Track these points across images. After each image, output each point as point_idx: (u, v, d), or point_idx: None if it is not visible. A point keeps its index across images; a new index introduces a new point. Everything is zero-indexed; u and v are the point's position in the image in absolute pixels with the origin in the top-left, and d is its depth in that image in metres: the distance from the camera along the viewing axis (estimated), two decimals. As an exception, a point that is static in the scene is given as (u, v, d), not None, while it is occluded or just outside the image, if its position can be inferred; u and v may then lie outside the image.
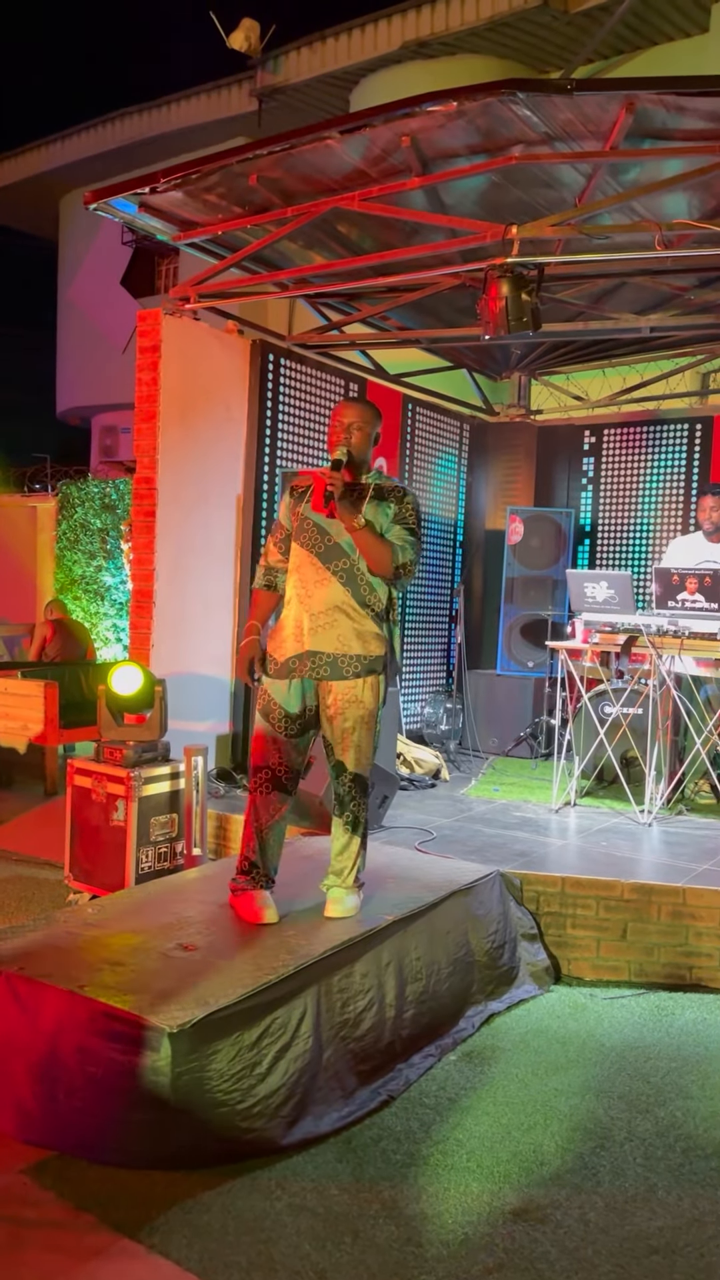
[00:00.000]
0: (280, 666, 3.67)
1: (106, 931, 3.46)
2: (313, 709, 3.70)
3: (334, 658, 3.59)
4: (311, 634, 3.60)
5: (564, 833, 5.14)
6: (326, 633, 3.59)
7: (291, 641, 3.66)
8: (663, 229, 4.56)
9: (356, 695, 3.62)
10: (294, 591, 3.68)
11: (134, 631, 5.77)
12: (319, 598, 3.59)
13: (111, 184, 5.28)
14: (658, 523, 7.67)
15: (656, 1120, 3.12)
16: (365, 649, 3.61)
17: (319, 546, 3.62)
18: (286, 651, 3.66)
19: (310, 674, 3.62)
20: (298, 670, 3.63)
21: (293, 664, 3.64)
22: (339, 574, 3.59)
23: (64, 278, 17.41)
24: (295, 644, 3.64)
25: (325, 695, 3.66)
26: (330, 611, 3.58)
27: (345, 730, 3.64)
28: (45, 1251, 2.46)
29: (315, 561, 3.61)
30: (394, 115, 4.36)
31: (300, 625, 3.63)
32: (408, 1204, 2.66)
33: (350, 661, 3.60)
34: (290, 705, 3.65)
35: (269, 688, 3.69)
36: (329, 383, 6.82)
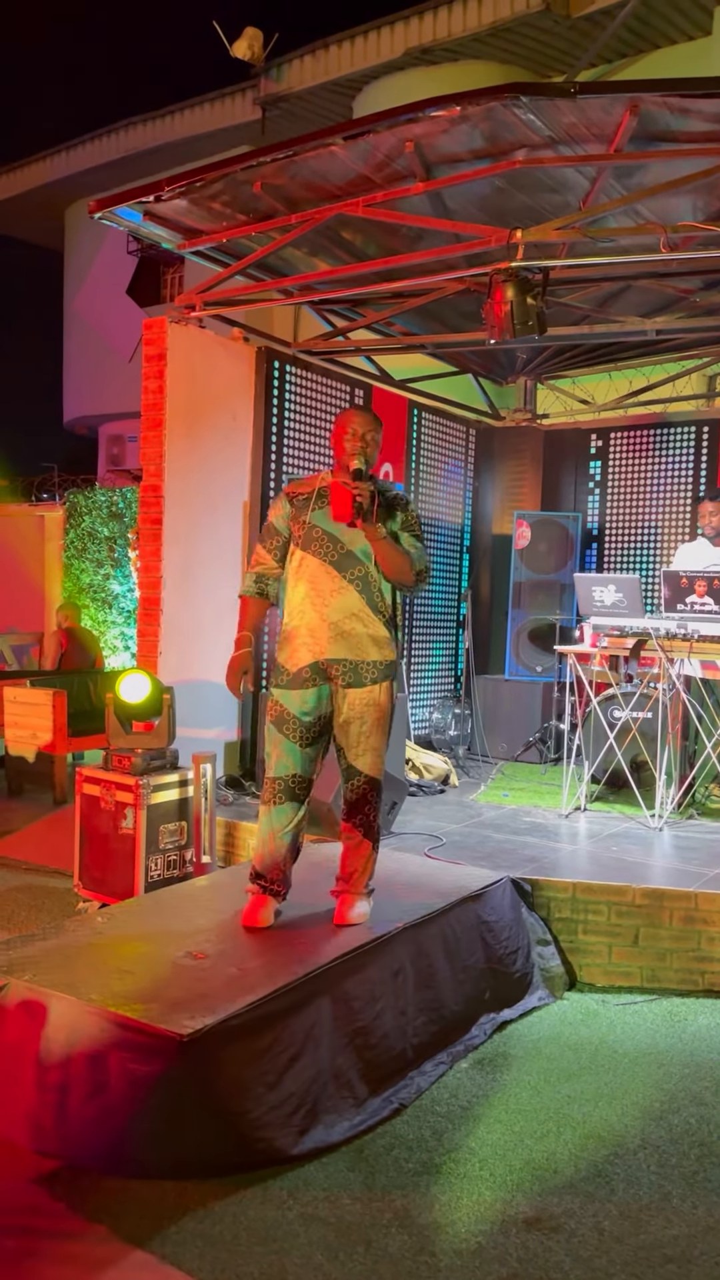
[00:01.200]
0: (293, 677, 3.64)
1: (116, 940, 3.45)
2: (326, 716, 3.69)
3: (354, 664, 3.61)
4: (331, 642, 3.60)
5: (574, 838, 5.12)
6: (346, 640, 3.60)
7: (305, 650, 3.63)
8: (668, 231, 4.55)
9: (375, 698, 3.64)
10: (306, 601, 3.64)
11: (141, 639, 5.77)
12: (336, 606, 3.59)
13: (116, 193, 5.29)
14: (665, 526, 7.65)
15: (670, 1127, 3.09)
16: (381, 655, 3.64)
17: (332, 555, 3.61)
18: (300, 661, 3.63)
19: (331, 682, 3.64)
20: (313, 680, 3.63)
21: (307, 673, 3.62)
22: (355, 582, 3.60)
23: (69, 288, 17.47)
24: (310, 653, 3.62)
25: (341, 700, 3.65)
26: (349, 619, 3.59)
27: (363, 734, 3.64)
28: (58, 1263, 2.45)
29: (330, 570, 3.60)
30: (398, 121, 4.37)
31: (317, 634, 3.61)
32: (420, 1213, 2.65)
33: (369, 668, 3.62)
34: (305, 714, 3.64)
35: (280, 697, 3.67)
36: (335, 389, 6.82)
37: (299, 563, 3.67)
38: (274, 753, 3.69)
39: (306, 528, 3.65)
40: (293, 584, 3.70)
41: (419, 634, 7.69)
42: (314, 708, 3.64)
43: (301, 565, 3.66)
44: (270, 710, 3.70)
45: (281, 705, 3.66)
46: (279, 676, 3.68)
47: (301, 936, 3.48)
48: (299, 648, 3.64)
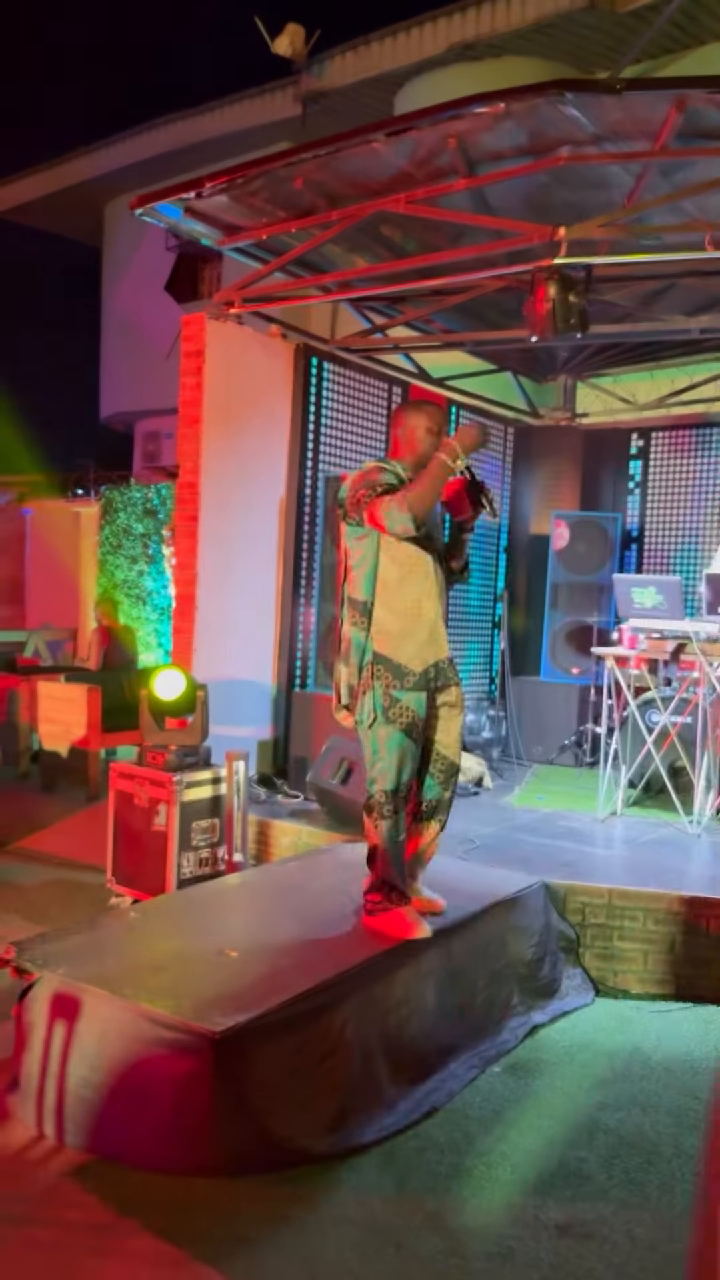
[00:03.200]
0: (420, 677, 3.53)
1: (149, 936, 3.47)
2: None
3: (451, 659, 3.71)
4: (444, 639, 3.66)
5: (610, 843, 5.06)
6: (445, 637, 3.67)
7: (429, 649, 3.57)
8: (713, 229, 4.49)
9: (462, 695, 3.73)
10: (426, 597, 3.55)
11: (177, 636, 5.78)
12: (444, 603, 3.67)
13: (157, 189, 5.30)
14: (708, 527, 7.56)
15: (704, 1135, 3.05)
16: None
17: (435, 551, 3.66)
18: (425, 659, 3.56)
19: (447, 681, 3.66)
20: (436, 681, 3.61)
21: (431, 674, 3.58)
22: (444, 579, 3.71)
23: (108, 284, 17.57)
24: (433, 652, 3.58)
25: (444, 696, 3.66)
26: (446, 613, 3.69)
27: (462, 725, 3.74)
28: (89, 1255, 2.46)
29: (437, 569, 3.64)
30: (441, 117, 4.34)
31: (436, 632, 3.60)
32: (451, 1216, 2.63)
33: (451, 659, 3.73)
34: (425, 713, 3.60)
35: (410, 701, 3.52)
36: (372, 386, 6.80)
37: (404, 559, 3.53)
38: (398, 762, 3.53)
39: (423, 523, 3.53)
40: (399, 577, 3.53)
41: (454, 634, 7.61)
42: (428, 705, 3.61)
43: (415, 560, 3.54)
44: (398, 717, 3.51)
45: (413, 711, 3.52)
46: (404, 679, 3.51)
47: (333, 936, 3.48)
48: (423, 646, 3.55)
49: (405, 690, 3.51)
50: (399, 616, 3.52)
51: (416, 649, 3.53)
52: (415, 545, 3.53)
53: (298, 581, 6.24)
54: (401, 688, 3.51)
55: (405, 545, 3.52)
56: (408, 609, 3.53)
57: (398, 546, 3.52)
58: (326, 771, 5.10)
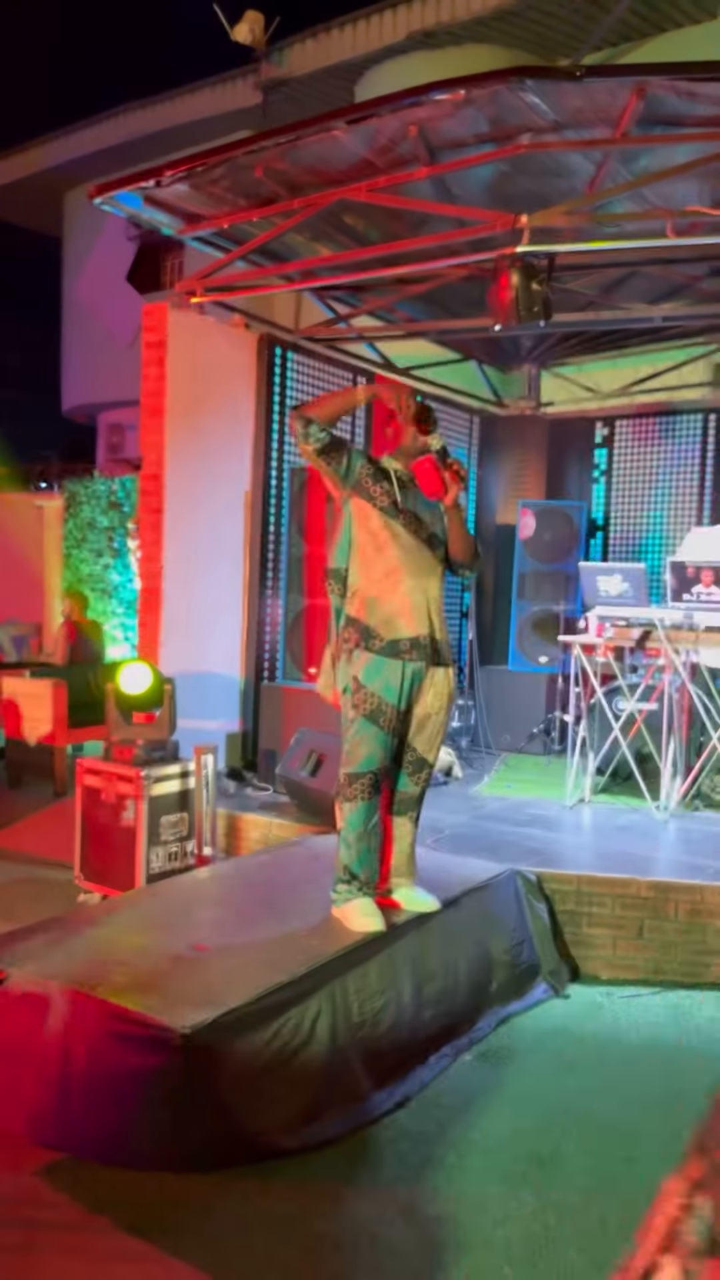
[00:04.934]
0: (389, 645, 3.49)
1: (117, 932, 3.43)
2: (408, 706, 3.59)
3: (443, 644, 3.61)
4: (434, 617, 3.56)
5: (579, 830, 5.09)
6: (439, 619, 3.60)
7: (404, 620, 3.51)
8: (675, 216, 4.51)
9: (451, 689, 3.65)
10: (403, 572, 3.52)
11: (142, 630, 5.74)
12: (431, 583, 3.58)
13: (116, 178, 5.23)
14: (672, 515, 7.61)
15: (675, 1120, 3.07)
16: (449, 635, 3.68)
17: (422, 533, 3.58)
18: (397, 631, 3.50)
19: (429, 661, 3.54)
20: (412, 653, 3.50)
21: (405, 645, 3.50)
22: (441, 562, 3.65)
23: (69, 274, 17.38)
24: (410, 624, 3.51)
25: (427, 690, 3.58)
26: (438, 596, 3.61)
27: (444, 723, 3.66)
28: (60, 1254, 2.44)
29: (422, 547, 3.57)
30: (401, 105, 4.32)
31: (418, 608, 3.51)
32: (425, 1206, 2.63)
33: (448, 648, 3.64)
34: (401, 702, 3.52)
35: (377, 687, 3.49)
36: (337, 376, 6.77)
37: (388, 529, 3.53)
38: (361, 748, 3.51)
39: (390, 500, 3.54)
40: (375, 548, 3.53)
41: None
42: (406, 694, 3.52)
43: (384, 534, 3.53)
44: (361, 703, 3.50)
45: (379, 697, 3.48)
46: (370, 640, 3.49)
47: (304, 929, 3.46)
48: (394, 616, 3.50)
49: (371, 650, 3.49)
50: (374, 583, 3.54)
51: (387, 616, 3.51)
52: (388, 520, 3.53)
53: (264, 573, 6.22)
54: (366, 648, 3.50)
55: (376, 517, 3.54)
56: (383, 577, 3.53)
57: (370, 518, 3.55)
58: (295, 763, 5.09)
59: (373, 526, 3.55)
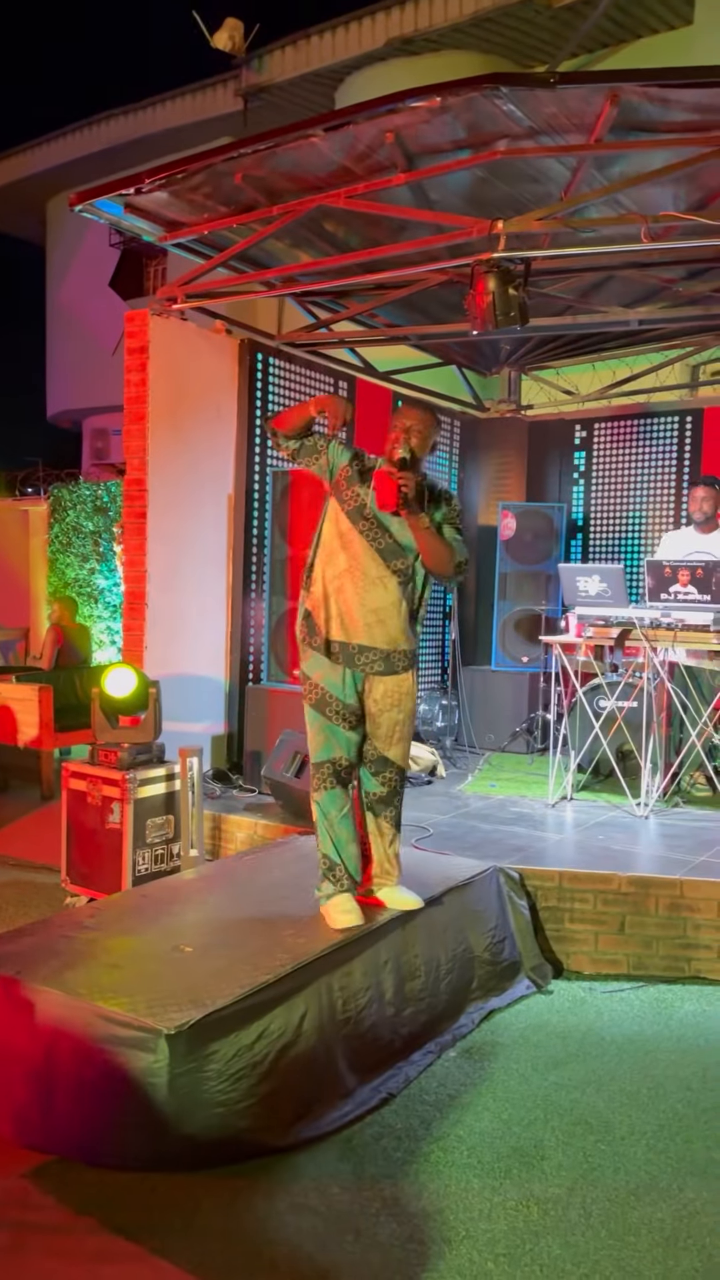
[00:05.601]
0: (325, 644, 3.59)
1: (103, 934, 3.45)
2: (363, 700, 3.66)
3: (387, 653, 3.60)
4: (365, 630, 3.57)
5: (561, 827, 5.14)
6: (380, 630, 3.57)
7: (337, 626, 3.59)
8: (650, 221, 4.55)
9: (408, 688, 3.66)
10: (346, 576, 3.57)
11: (127, 633, 5.76)
12: (376, 595, 3.56)
13: (97, 185, 5.26)
14: (649, 516, 7.67)
15: (658, 1113, 3.11)
16: (408, 644, 3.66)
17: (379, 542, 3.57)
18: (332, 632, 3.59)
19: (362, 668, 3.59)
20: (340, 656, 3.58)
21: (335, 649, 3.59)
22: (397, 573, 3.59)
23: (52, 281, 17.38)
24: (341, 631, 3.58)
25: (375, 689, 3.63)
26: (386, 609, 3.57)
27: (398, 722, 3.66)
28: (47, 1256, 2.45)
29: (375, 557, 3.56)
30: (378, 112, 4.35)
31: (351, 616, 3.56)
32: (409, 1201, 2.66)
33: (400, 657, 3.64)
34: (347, 696, 3.60)
35: (321, 679, 3.60)
36: (319, 381, 6.81)
37: (344, 531, 3.59)
38: (316, 738, 3.63)
39: (357, 503, 3.58)
40: (332, 548, 3.61)
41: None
42: (352, 690, 3.60)
43: (348, 539, 3.59)
44: (309, 693, 3.63)
45: (323, 688, 3.60)
46: (313, 636, 3.62)
47: (289, 928, 3.49)
48: (331, 619, 3.59)
49: (311, 646, 3.62)
50: (329, 581, 3.61)
51: (331, 615, 3.60)
52: (352, 524, 3.57)
53: (248, 576, 6.24)
54: (310, 644, 3.63)
55: (343, 519, 3.60)
56: (336, 577, 3.60)
57: (338, 519, 3.62)
58: (280, 765, 5.11)
59: (340, 527, 3.62)
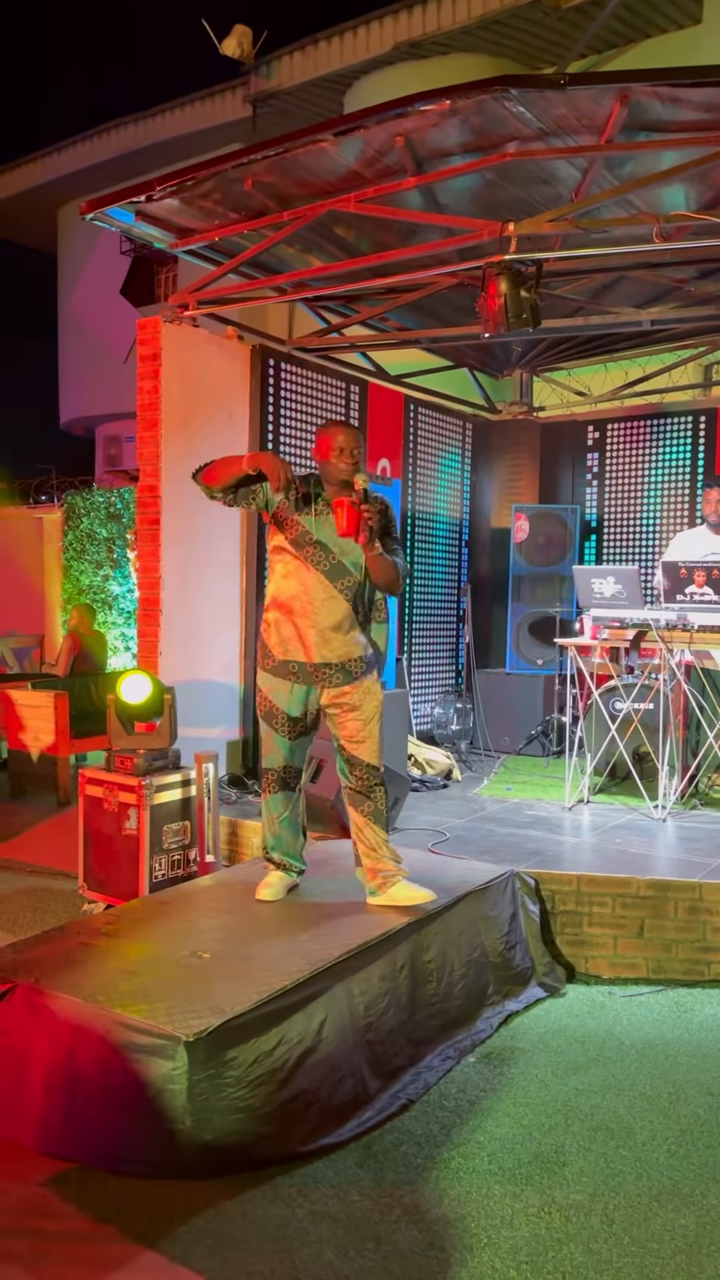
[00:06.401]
0: (279, 665, 3.80)
1: (121, 941, 3.46)
2: (314, 712, 3.87)
3: (342, 664, 3.79)
4: (320, 647, 3.75)
5: (578, 830, 5.11)
6: (334, 645, 3.77)
7: (295, 647, 3.77)
8: (661, 221, 4.54)
9: (369, 687, 3.82)
10: (296, 604, 3.77)
11: (141, 640, 5.77)
12: (328, 614, 3.75)
13: (108, 193, 5.27)
14: (664, 516, 7.64)
15: (679, 1118, 3.09)
16: (364, 650, 3.83)
17: (324, 565, 3.75)
18: (288, 654, 3.79)
19: (320, 683, 3.78)
20: (299, 677, 3.78)
21: (293, 668, 3.78)
22: (344, 591, 3.77)
23: (64, 289, 17.46)
24: (300, 652, 3.77)
25: (334, 696, 3.80)
26: (338, 626, 3.76)
27: (365, 720, 3.80)
28: (68, 1264, 2.45)
29: (323, 580, 3.75)
30: (387, 116, 4.35)
31: (306, 637, 3.76)
32: (430, 1208, 2.65)
33: (355, 663, 3.81)
34: (292, 709, 3.83)
35: (269, 692, 3.84)
36: (330, 386, 6.81)
37: (289, 560, 3.79)
38: (264, 746, 3.94)
39: (301, 531, 3.77)
40: (282, 574, 3.82)
41: (419, 629, 7.68)
42: (300, 703, 3.82)
43: (292, 564, 3.78)
44: (260, 704, 3.90)
45: (270, 701, 3.84)
46: (266, 658, 3.85)
47: (307, 934, 3.49)
48: (287, 640, 3.79)
49: (264, 670, 3.84)
50: (275, 605, 3.83)
51: (280, 640, 3.80)
52: (293, 551, 3.77)
53: (261, 582, 6.24)
54: (264, 666, 3.85)
55: (284, 546, 3.79)
56: (281, 601, 3.80)
57: (281, 547, 3.81)
58: (295, 771, 5.11)
59: (282, 557, 3.81)
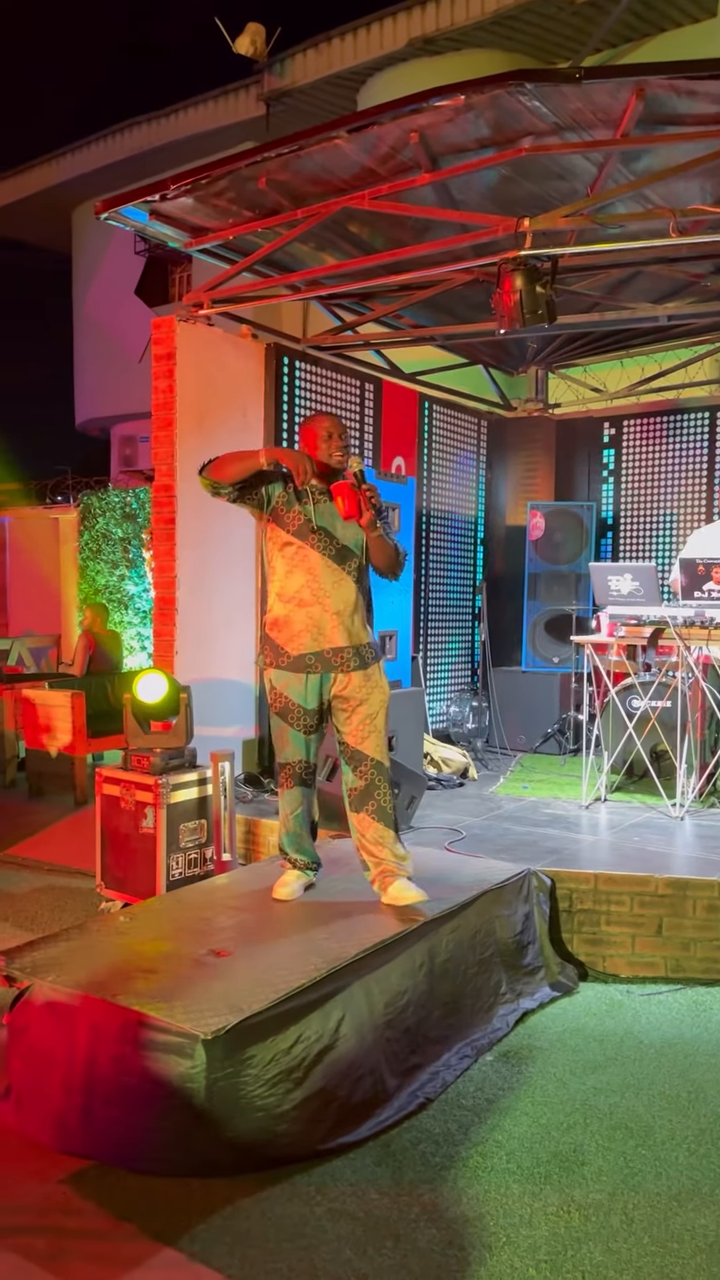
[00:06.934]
0: (295, 660, 3.79)
1: (139, 939, 3.46)
2: (326, 703, 3.87)
3: (356, 649, 3.80)
4: (337, 631, 3.76)
5: (595, 829, 5.09)
6: (350, 627, 3.78)
7: (309, 638, 3.78)
8: (677, 216, 4.51)
9: (376, 680, 3.83)
10: (306, 590, 3.77)
11: (157, 639, 5.78)
12: (339, 596, 3.77)
13: (122, 193, 5.28)
14: (681, 513, 7.60)
15: (698, 1117, 3.08)
16: (371, 636, 3.87)
17: (330, 550, 3.77)
18: (302, 646, 3.79)
19: (338, 668, 3.78)
20: (316, 666, 3.78)
21: (310, 660, 3.78)
22: (351, 573, 3.80)
23: (79, 290, 17.51)
24: (315, 641, 3.77)
25: (343, 687, 3.80)
26: (350, 607, 3.78)
27: (370, 715, 3.81)
28: (87, 1261, 2.46)
29: (330, 564, 3.77)
30: (401, 112, 4.34)
31: (321, 624, 3.76)
32: (448, 1207, 2.64)
33: (366, 649, 3.83)
34: (309, 702, 3.83)
35: (284, 688, 3.83)
36: (345, 384, 6.81)
37: (297, 553, 3.79)
38: (279, 741, 3.93)
39: (301, 522, 3.78)
40: (286, 569, 3.82)
41: (434, 627, 7.67)
42: (315, 695, 3.81)
43: (300, 556, 3.78)
44: (274, 701, 3.89)
45: (286, 696, 3.84)
46: (278, 657, 3.82)
47: (324, 932, 3.48)
48: (299, 633, 3.78)
49: (278, 668, 3.82)
50: (284, 602, 3.81)
51: (293, 634, 3.78)
52: (298, 542, 3.77)
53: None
54: (277, 665, 3.82)
55: (287, 540, 3.79)
56: (289, 597, 3.80)
57: (280, 541, 3.81)
58: (312, 769, 5.11)
59: (286, 551, 3.81)
